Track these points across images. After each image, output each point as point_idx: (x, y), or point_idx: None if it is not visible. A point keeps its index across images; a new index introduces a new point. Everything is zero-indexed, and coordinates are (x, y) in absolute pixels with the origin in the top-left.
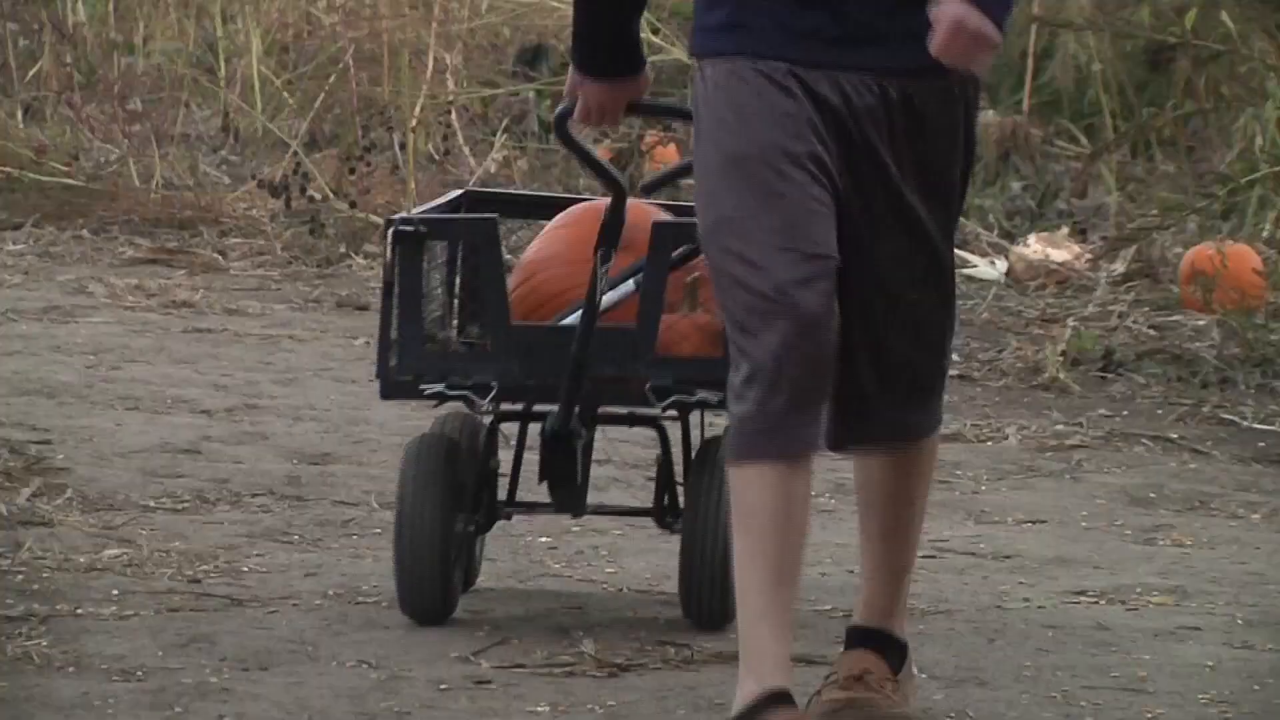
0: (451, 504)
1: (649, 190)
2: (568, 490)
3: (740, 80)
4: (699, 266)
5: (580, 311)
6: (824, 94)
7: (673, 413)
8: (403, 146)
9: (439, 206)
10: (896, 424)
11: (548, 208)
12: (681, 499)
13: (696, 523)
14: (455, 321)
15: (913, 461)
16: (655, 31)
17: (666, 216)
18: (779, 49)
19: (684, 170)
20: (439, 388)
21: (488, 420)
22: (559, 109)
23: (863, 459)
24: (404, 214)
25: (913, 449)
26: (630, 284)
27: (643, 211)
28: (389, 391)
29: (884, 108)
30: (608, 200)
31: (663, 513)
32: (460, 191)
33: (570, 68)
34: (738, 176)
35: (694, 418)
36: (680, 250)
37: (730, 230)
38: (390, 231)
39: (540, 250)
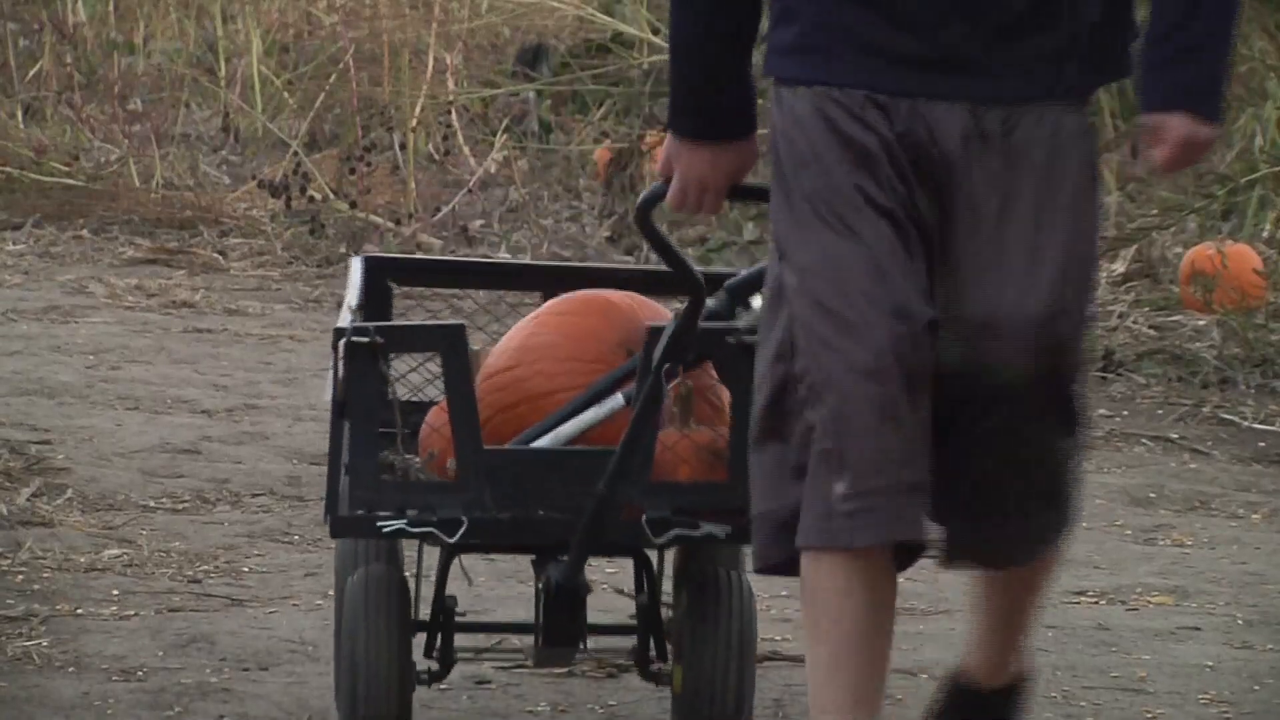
0: (408, 649)
1: (735, 291)
2: (567, 651)
3: (819, 114)
4: (692, 375)
5: (559, 427)
6: (914, 128)
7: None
8: (403, 146)
9: (358, 288)
10: (1011, 531)
11: (472, 275)
12: (671, 641)
13: (698, 672)
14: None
15: (1037, 571)
16: (655, 31)
17: (658, 313)
18: (861, 76)
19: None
20: (399, 524)
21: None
22: (646, 193)
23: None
24: (353, 320)
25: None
26: (618, 398)
27: (655, 312)
28: (340, 528)
29: (981, 142)
30: (631, 295)
31: (647, 659)
32: (359, 259)
33: (665, 140)
34: (820, 225)
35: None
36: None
37: (814, 285)
38: (342, 344)
39: (530, 336)
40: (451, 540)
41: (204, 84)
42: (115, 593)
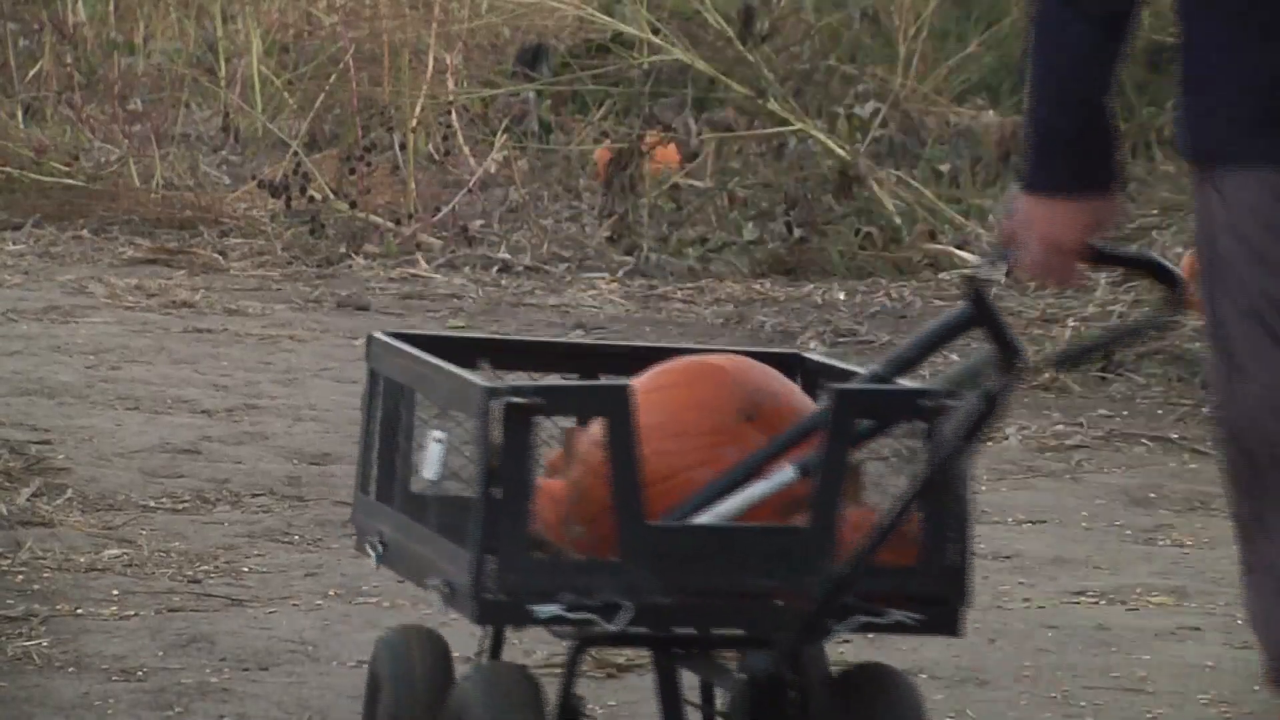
0: None
1: (1065, 363)
2: None
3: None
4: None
5: (720, 504)
6: None
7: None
8: (403, 146)
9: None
10: None
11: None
12: None
13: None
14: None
15: None
16: (655, 31)
17: (776, 375)
18: None
19: (1123, 337)
20: (554, 609)
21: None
22: (983, 262)
23: None
24: (508, 382)
25: None
26: (790, 471)
27: (765, 373)
28: (488, 614)
29: None
30: (731, 356)
31: None
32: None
33: (1015, 199)
34: (1270, 341)
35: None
36: (862, 425)
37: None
38: (500, 405)
39: (640, 415)
40: (613, 627)
41: (204, 84)
42: (115, 593)
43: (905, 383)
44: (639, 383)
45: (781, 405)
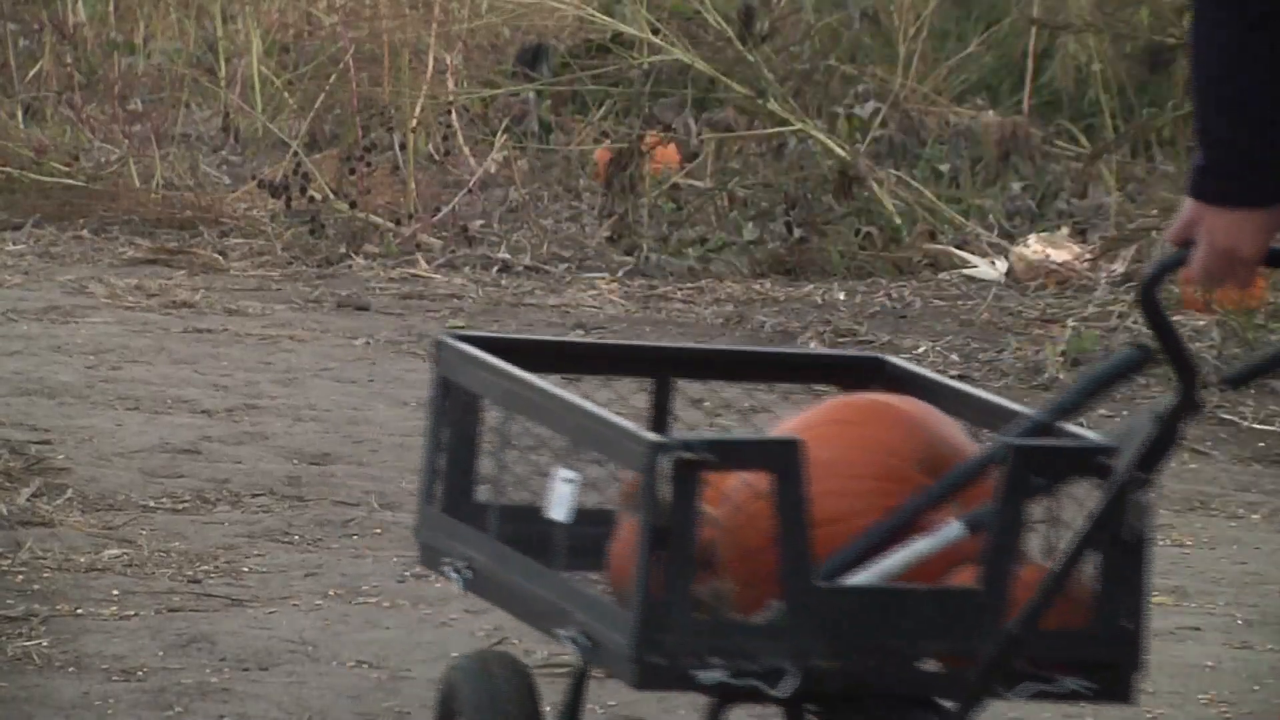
0: None
1: (1238, 382)
2: None
3: None
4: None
5: (883, 561)
6: None
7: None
8: (403, 146)
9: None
10: None
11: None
12: None
13: None
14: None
15: None
16: (655, 32)
17: (953, 423)
18: None
19: None
20: (718, 676)
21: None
22: (1156, 266)
23: None
24: (677, 434)
25: None
26: (957, 527)
27: (942, 420)
28: (649, 678)
29: None
30: (906, 397)
31: None
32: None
33: (1186, 205)
34: None
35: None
36: (1037, 481)
37: None
38: (669, 460)
39: (810, 450)
40: (777, 694)
41: (204, 84)
42: (115, 593)
43: (1074, 430)
44: (810, 415)
45: (959, 458)
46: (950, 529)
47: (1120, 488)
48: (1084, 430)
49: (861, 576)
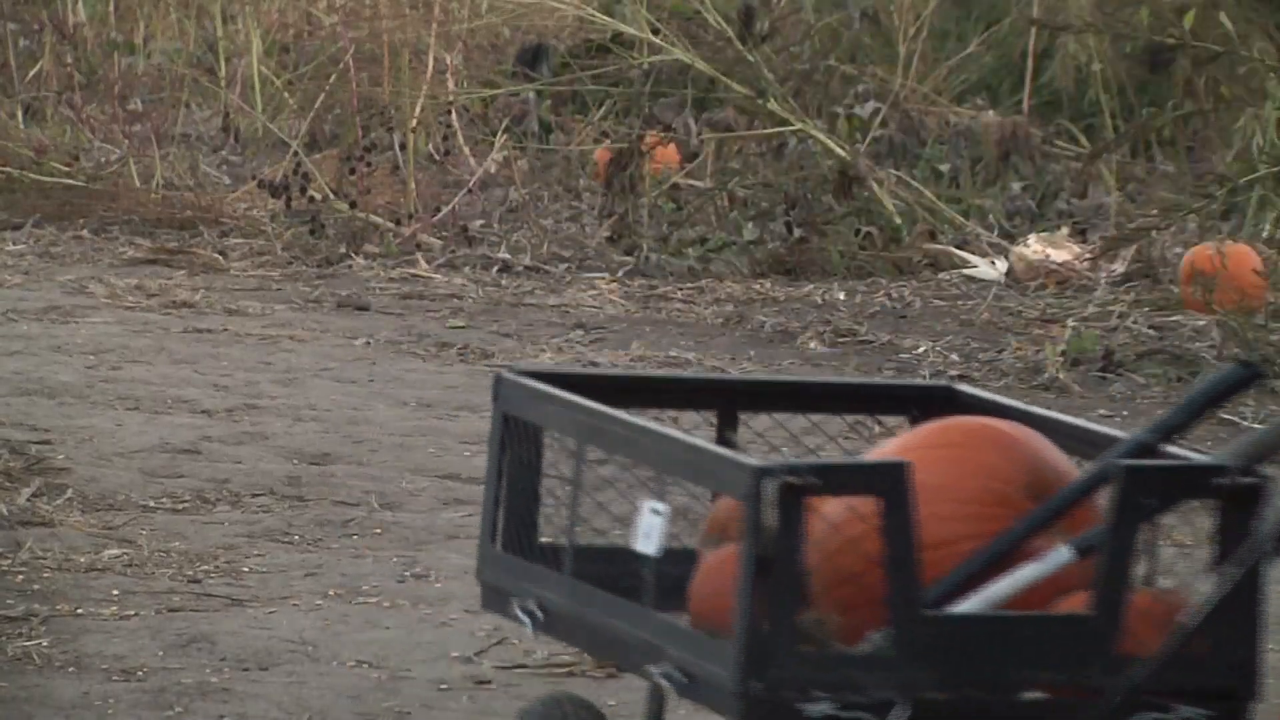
0: None
1: (1169, 428)
2: None
3: None
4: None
5: (990, 588)
6: None
7: None
8: (403, 146)
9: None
10: None
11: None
12: None
13: None
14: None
15: None
16: (655, 32)
17: (1054, 447)
18: None
19: None
20: (825, 709)
21: None
22: None
23: None
24: (780, 459)
25: None
26: (1065, 552)
27: (1049, 446)
28: (753, 712)
29: None
30: (1013, 423)
31: None
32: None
33: None
34: None
35: None
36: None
37: None
38: (773, 485)
39: (915, 473)
40: None
41: (204, 84)
42: (115, 593)
43: (1181, 451)
44: (911, 438)
45: (1063, 482)
46: (1058, 554)
47: (1260, 556)
48: (1190, 450)
49: (968, 604)
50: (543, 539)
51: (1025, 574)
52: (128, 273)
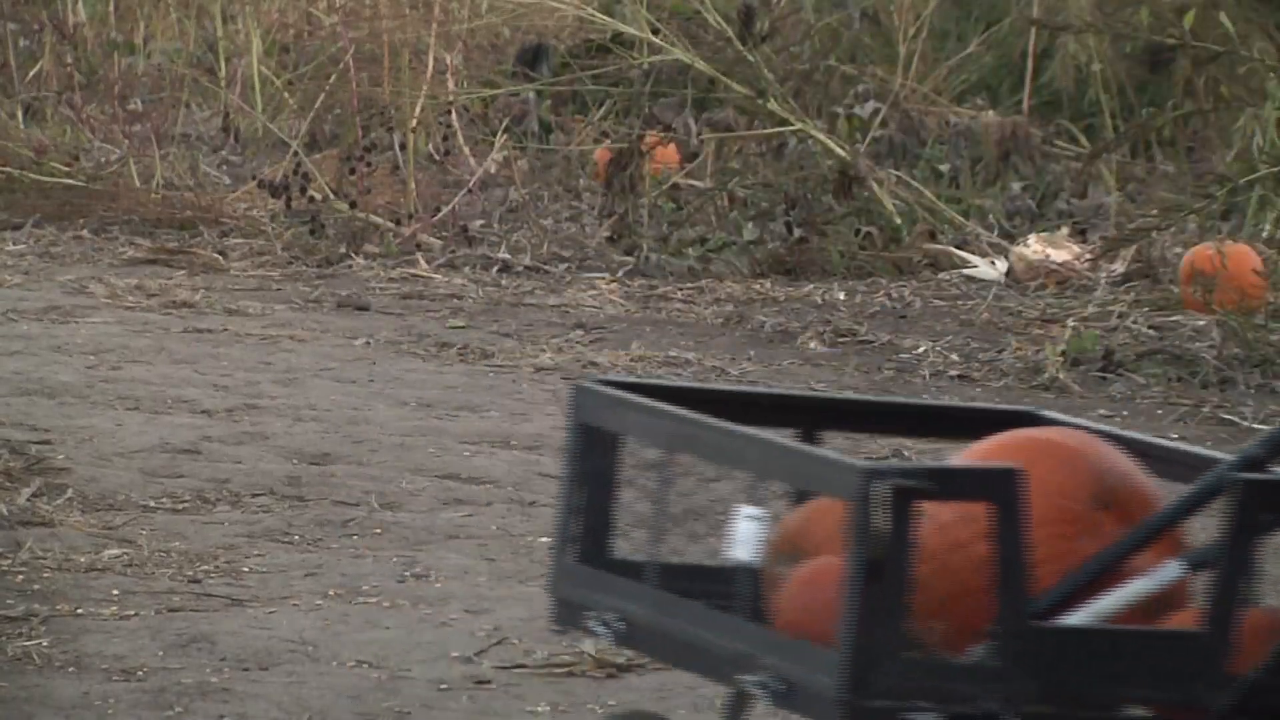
0: None
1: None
2: None
3: None
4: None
5: (1096, 603)
6: None
7: None
8: (403, 146)
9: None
10: None
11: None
12: None
13: None
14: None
15: None
16: (655, 32)
17: (1116, 451)
18: None
19: None
20: (929, 718)
21: None
22: None
23: None
24: (891, 461)
25: None
26: (1174, 567)
27: (1113, 453)
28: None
29: None
30: (1071, 431)
31: None
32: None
33: None
34: None
35: None
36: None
37: None
38: (885, 487)
39: None
40: None
41: (204, 84)
42: (115, 593)
43: None
44: (976, 454)
45: (1135, 490)
46: (1168, 569)
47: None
48: None
49: (1076, 617)
50: (617, 550)
51: (1134, 588)
52: (128, 273)
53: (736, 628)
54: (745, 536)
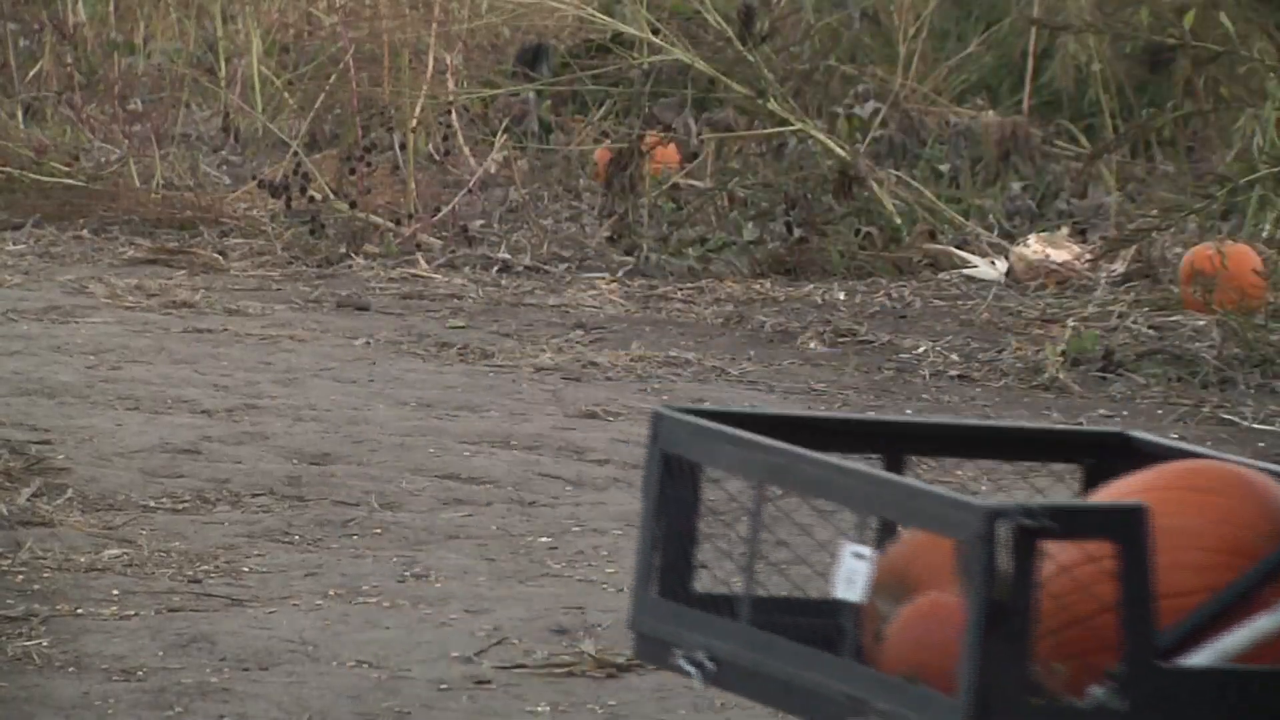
0: None
1: None
2: None
3: None
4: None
5: (1223, 640)
6: None
7: None
8: (403, 146)
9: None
10: None
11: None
12: None
13: None
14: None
15: None
16: (655, 32)
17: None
18: None
19: None
20: None
21: None
22: None
23: None
24: (1015, 502)
25: None
26: None
27: (1251, 483)
28: None
29: None
30: (1247, 466)
31: None
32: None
33: None
34: None
35: None
36: None
37: None
38: (1007, 527)
39: (1160, 517)
40: None
41: (204, 84)
42: (115, 593)
43: None
44: (1151, 477)
45: None
46: None
47: None
48: None
49: (1201, 656)
50: (713, 586)
51: (1262, 625)
52: (128, 273)
53: (845, 669)
54: (852, 576)
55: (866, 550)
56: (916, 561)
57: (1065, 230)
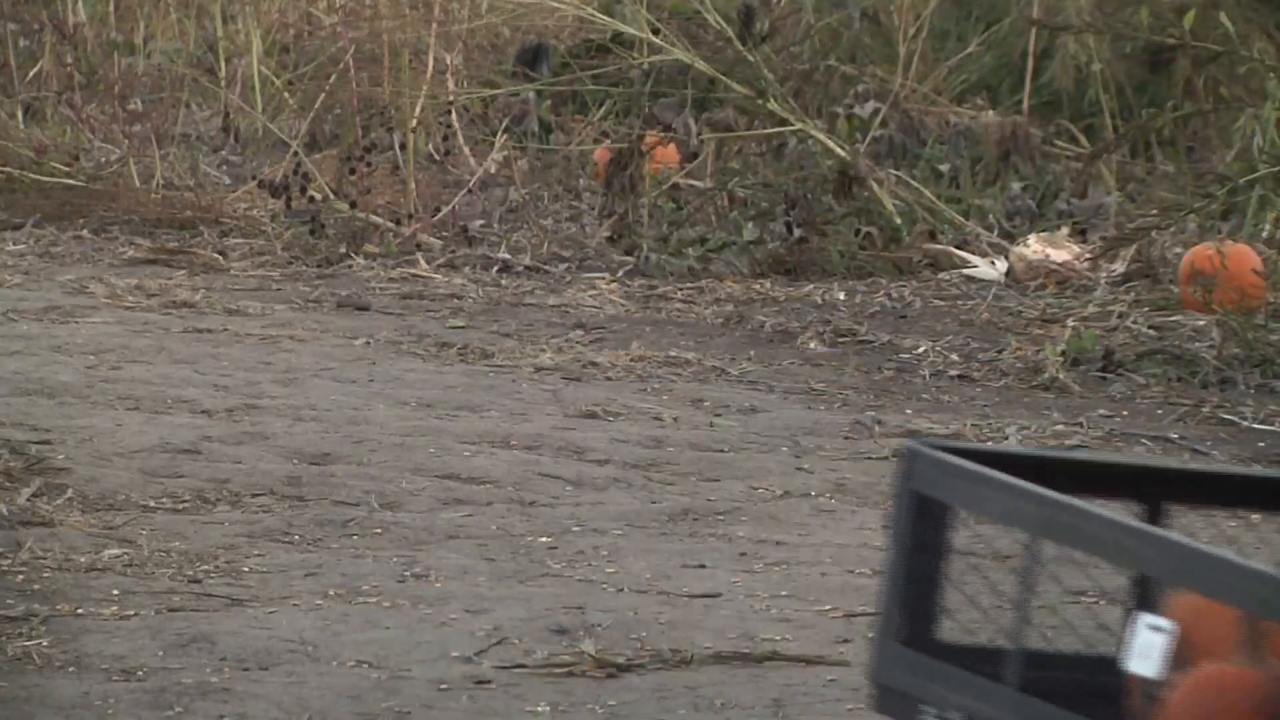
0: None
1: None
2: None
3: None
4: None
5: None
6: None
7: None
8: (403, 146)
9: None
10: None
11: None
12: None
13: None
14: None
15: None
16: (656, 32)
17: None
18: None
19: None
20: None
21: None
22: None
23: None
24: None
25: None
26: None
27: None
28: None
29: None
30: None
31: None
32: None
33: None
34: None
35: None
36: None
37: None
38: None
39: None
40: None
41: (204, 84)
42: (115, 593)
43: None
44: None
45: None
46: None
47: None
48: None
49: None
50: (961, 636)
51: None
52: (128, 273)
53: None
54: (1148, 650)
55: (1164, 622)
56: (1195, 627)
57: (1065, 230)
